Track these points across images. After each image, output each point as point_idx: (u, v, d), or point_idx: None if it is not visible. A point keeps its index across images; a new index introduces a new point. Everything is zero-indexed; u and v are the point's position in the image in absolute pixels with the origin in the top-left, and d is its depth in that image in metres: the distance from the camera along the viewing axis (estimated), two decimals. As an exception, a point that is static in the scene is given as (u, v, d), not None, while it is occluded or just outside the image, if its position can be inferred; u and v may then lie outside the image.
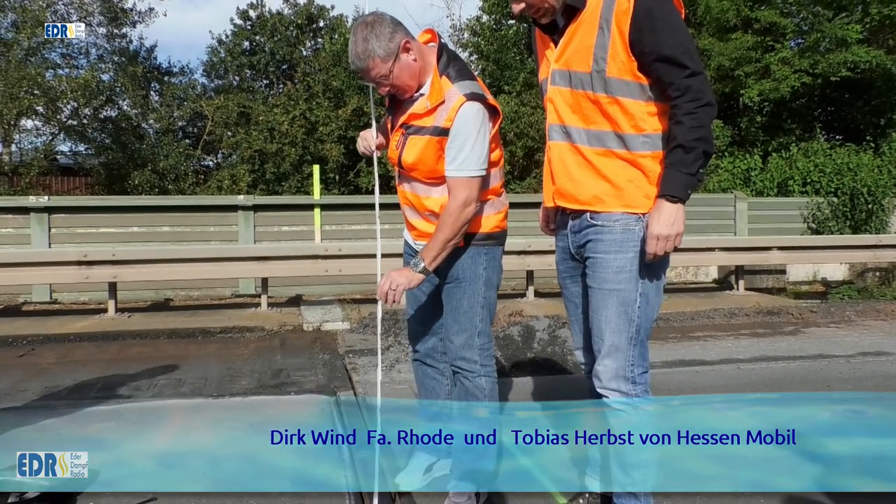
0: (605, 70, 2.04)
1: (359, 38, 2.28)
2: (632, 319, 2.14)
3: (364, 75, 2.35)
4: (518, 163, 14.59)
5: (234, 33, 19.16)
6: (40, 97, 12.74)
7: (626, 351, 2.15)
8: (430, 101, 2.35)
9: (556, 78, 2.18)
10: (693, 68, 1.98)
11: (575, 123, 2.15)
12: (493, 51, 17.75)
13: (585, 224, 2.21)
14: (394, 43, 2.29)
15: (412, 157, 2.42)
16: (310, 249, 7.80)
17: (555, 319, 6.22)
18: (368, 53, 2.27)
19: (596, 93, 2.08)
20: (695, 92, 1.97)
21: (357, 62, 2.31)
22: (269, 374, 4.84)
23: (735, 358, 5.27)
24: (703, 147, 1.99)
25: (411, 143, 2.41)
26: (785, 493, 2.72)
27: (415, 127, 2.40)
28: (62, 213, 8.59)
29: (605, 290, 2.16)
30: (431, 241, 2.37)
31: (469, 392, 2.51)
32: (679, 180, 2.01)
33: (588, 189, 2.16)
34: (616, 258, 2.13)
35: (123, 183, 14.23)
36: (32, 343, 5.98)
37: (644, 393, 2.19)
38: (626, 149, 2.10)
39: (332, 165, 15.29)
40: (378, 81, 2.35)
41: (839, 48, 14.12)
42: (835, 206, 11.28)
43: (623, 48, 2.01)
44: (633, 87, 2.05)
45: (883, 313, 7.34)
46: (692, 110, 1.97)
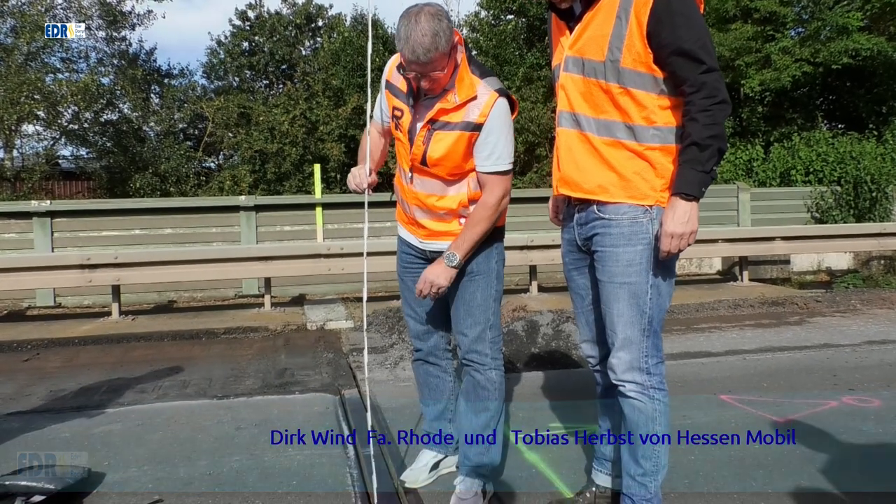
0: (620, 60, 2.03)
1: (425, 29, 2.16)
2: (644, 311, 2.14)
3: (418, 69, 2.23)
4: (519, 158, 14.58)
5: (232, 34, 19.18)
6: (41, 102, 12.76)
7: (639, 343, 2.15)
8: (460, 97, 2.31)
9: (570, 65, 2.16)
10: (709, 64, 1.97)
11: (585, 111, 2.14)
12: (491, 46, 17.72)
13: (592, 217, 2.20)
14: (453, 38, 2.25)
15: (440, 153, 2.36)
16: (312, 249, 7.80)
17: (559, 314, 6.21)
18: (436, 46, 2.17)
19: (608, 82, 2.07)
20: (710, 89, 1.97)
21: (421, 55, 2.17)
22: (273, 374, 4.84)
23: (741, 349, 5.25)
24: (718, 144, 1.98)
25: (437, 138, 2.36)
26: (787, 493, 2.71)
27: (441, 122, 2.35)
28: (64, 218, 8.60)
29: (616, 284, 2.15)
30: (465, 235, 2.40)
31: (480, 385, 2.51)
32: (694, 178, 2.00)
33: (593, 178, 2.15)
34: (625, 251, 2.12)
35: (125, 186, 14.26)
36: (37, 347, 5.99)
37: (659, 383, 2.19)
38: (635, 140, 2.09)
39: (334, 164, 15.29)
40: (428, 76, 2.25)
41: (840, 36, 14.06)
42: (838, 194, 11.23)
43: (640, 39, 2.00)
44: (647, 79, 2.04)
45: (888, 301, 7.31)
46: (707, 107, 1.97)
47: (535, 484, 2.75)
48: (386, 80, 2.52)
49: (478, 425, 2.49)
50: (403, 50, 2.21)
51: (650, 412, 2.17)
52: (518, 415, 3.67)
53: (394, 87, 2.47)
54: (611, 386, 2.41)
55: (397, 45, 2.25)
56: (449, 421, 2.82)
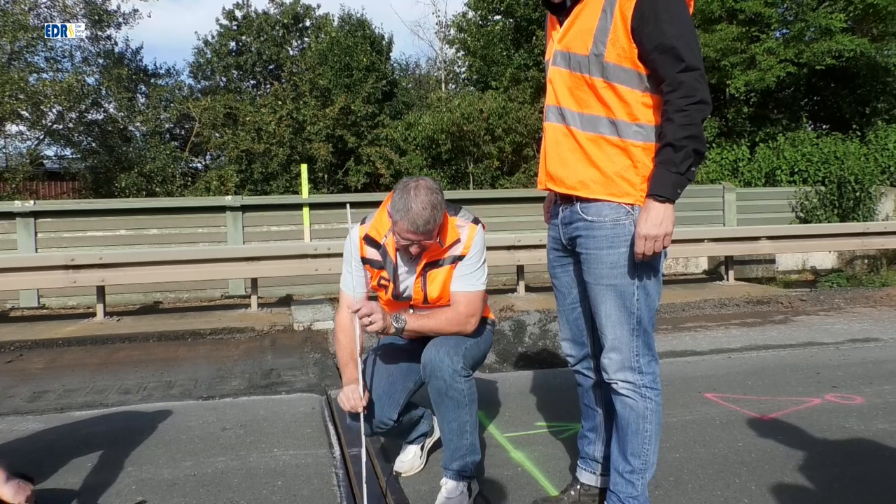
0: (604, 54, 2.02)
1: (424, 202, 2.32)
2: (632, 312, 2.14)
3: (413, 238, 2.37)
4: (507, 158, 14.61)
5: (220, 34, 19.11)
6: (24, 101, 12.63)
7: (629, 342, 2.15)
8: (445, 243, 2.51)
9: (558, 58, 2.16)
10: (689, 63, 1.94)
11: (570, 106, 2.14)
12: (479, 47, 17.76)
13: (576, 217, 2.19)
14: (443, 212, 2.44)
15: (438, 290, 2.55)
16: (299, 249, 7.77)
17: (546, 314, 6.22)
18: (434, 218, 2.35)
19: (592, 76, 2.06)
20: (687, 88, 1.93)
21: (421, 226, 2.33)
22: (259, 375, 4.82)
23: (726, 347, 5.29)
24: (694, 145, 1.94)
25: (431, 277, 2.54)
26: (771, 490, 2.73)
27: (431, 263, 2.53)
28: (48, 218, 8.52)
29: (603, 286, 2.15)
30: (428, 321, 2.50)
31: (450, 397, 2.47)
32: (667, 179, 1.97)
33: (576, 173, 2.14)
34: (609, 254, 2.12)
35: (110, 186, 14.14)
36: (20, 349, 5.93)
37: (652, 382, 2.19)
38: (618, 136, 2.07)
39: (321, 164, 15.26)
40: (420, 243, 2.41)
41: (823, 37, 14.19)
42: (822, 194, 11.34)
43: (625, 34, 1.99)
44: (632, 74, 2.03)
45: (871, 300, 7.39)
46: (683, 107, 1.93)
47: (520, 482, 2.76)
48: (360, 258, 2.63)
49: (454, 431, 2.49)
50: (402, 220, 2.34)
51: (641, 410, 2.17)
52: (504, 414, 3.67)
53: (372, 261, 2.61)
54: (594, 385, 2.42)
55: (394, 215, 2.37)
56: (429, 419, 2.87)
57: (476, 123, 13.79)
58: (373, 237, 2.59)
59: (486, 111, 13.93)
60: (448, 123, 13.89)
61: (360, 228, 2.65)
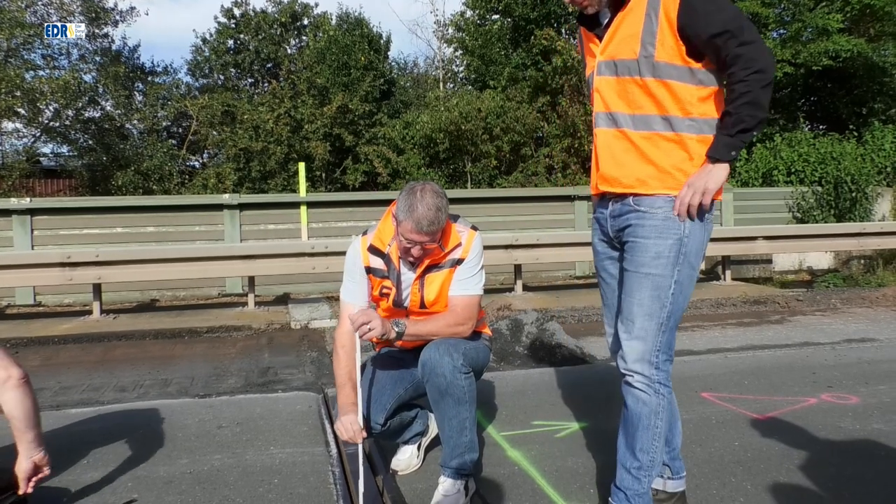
0: (654, 55, 2.09)
1: (430, 204, 2.37)
2: (664, 305, 2.16)
3: (418, 239, 2.40)
4: (505, 158, 14.60)
5: (218, 32, 19.06)
6: (20, 98, 12.60)
7: (654, 336, 2.18)
8: (447, 247, 2.54)
9: (602, 68, 2.22)
10: (744, 38, 2.01)
11: (621, 109, 2.19)
12: (477, 46, 17.73)
13: (627, 209, 2.22)
14: (447, 216, 2.49)
15: (435, 293, 2.56)
16: (296, 247, 7.76)
17: (543, 313, 6.22)
18: (439, 220, 2.40)
19: (644, 77, 2.12)
20: (746, 60, 2.01)
21: (425, 227, 2.37)
22: (256, 373, 4.82)
23: (722, 347, 5.30)
24: (748, 111, 2.03)
25: (429, 280, 2.56)
26: (767, 489, 2.73)
27: (431, 267, 2.56)
28: (45, 215, 8.50)
29: (641, 274, 2.18)
30: (426, 324, 2.52)
31: (450, 394, 2.47)
32: (719, 142, 2.09)
33: (632, 172, 2.19)
34: (655, 243, 2.15)
35: (107, 184, 14.12)
36: (16, 346, 5.92)
37: (665, 380, 2.21)
38: (673, 130, 2.14)
39: (318, 163, 15.25)
40: (424, 246, 2.44)
41: (821, 37, 14.21)
42: (819, 195, 11.36)
43: (671, 34, 2.07)
44: (683, 71, 2.10)
45: (867, 300, 7.40)
46: (743, 78, 2.02)
47: (516, 481, 2.76)
48: (364, 267, 2.63)
49: (454, 428, 2.49)
50: (407, 220, 2.37)
51: (654, 406, 2.19)
52: (501, 412, 3.67)
53: (376, 270, 2.62)
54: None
55: (399, 215, 2.39)
56: (425, 417, 2.90)
57: (474, 122, 13.79)
58: (377, 246, 2.61)
59: (484, 110, 13.93)
60: (446, 122, 13.89)
61: (361, 240, 2.66)
